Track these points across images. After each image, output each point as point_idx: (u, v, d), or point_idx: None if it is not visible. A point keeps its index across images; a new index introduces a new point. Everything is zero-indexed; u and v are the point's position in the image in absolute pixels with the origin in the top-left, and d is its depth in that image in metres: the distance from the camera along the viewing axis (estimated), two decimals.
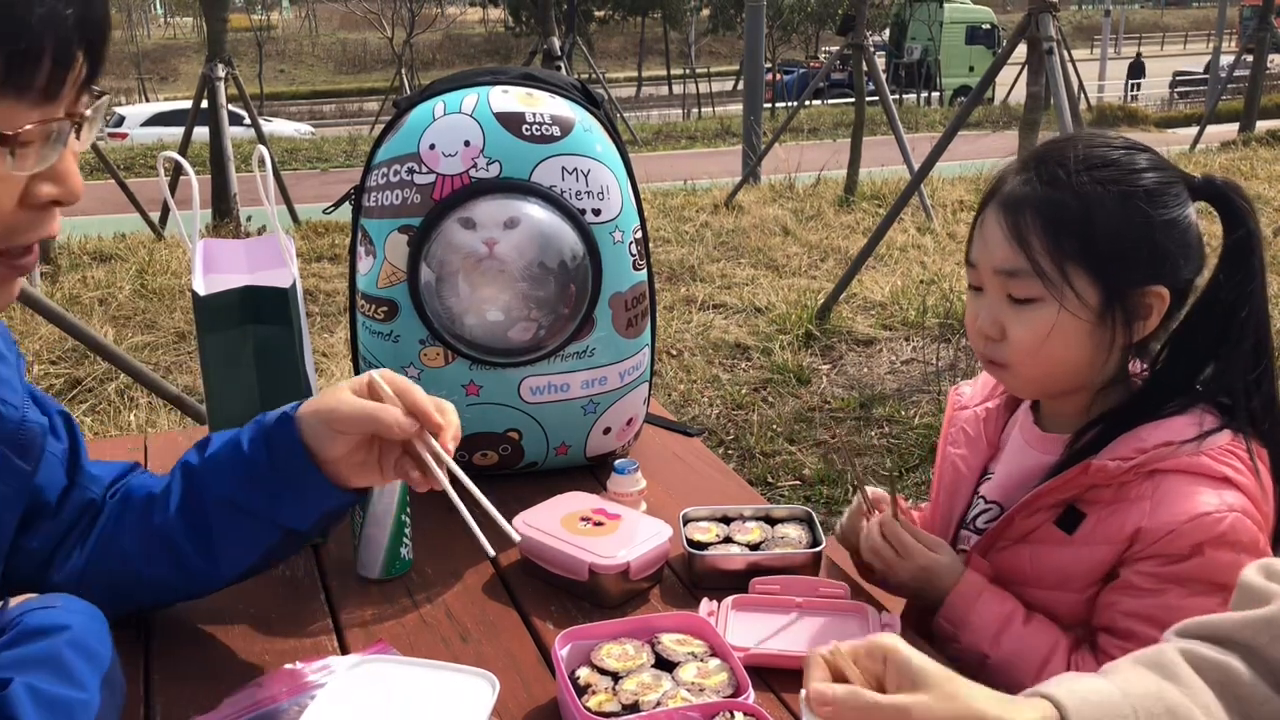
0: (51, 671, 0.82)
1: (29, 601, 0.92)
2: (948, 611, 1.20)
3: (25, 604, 0.91)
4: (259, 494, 1.02)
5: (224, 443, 1.06)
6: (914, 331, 5.00)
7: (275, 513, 1.03)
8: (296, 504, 1.03)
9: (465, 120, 1.37)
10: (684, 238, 7.00)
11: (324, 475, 1.01)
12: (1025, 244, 1.15)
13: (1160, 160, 1.18)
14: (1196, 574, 1.09)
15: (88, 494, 1.08)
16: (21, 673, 0.80)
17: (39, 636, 0.85)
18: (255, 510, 1.03)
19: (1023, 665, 1.15)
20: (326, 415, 1.00)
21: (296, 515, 1.04)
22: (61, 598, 0.93)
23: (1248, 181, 8.27)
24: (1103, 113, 17.94)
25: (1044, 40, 4.34)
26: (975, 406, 1.39)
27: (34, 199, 0.78)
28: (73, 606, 0.92)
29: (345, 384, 1.03)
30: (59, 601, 0.92)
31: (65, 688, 0.82)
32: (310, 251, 6.58)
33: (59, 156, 0.78)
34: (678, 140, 17.70)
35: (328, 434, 1.00)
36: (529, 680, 1.07)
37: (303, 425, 1.01)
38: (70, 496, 1.06)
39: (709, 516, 1.34)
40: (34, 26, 0.71)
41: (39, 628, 0.86)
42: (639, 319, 1.48)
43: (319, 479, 1.01)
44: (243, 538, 1.05)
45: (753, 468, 3.62)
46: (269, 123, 16.41)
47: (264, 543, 1.06)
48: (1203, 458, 1.12)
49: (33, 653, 0.83)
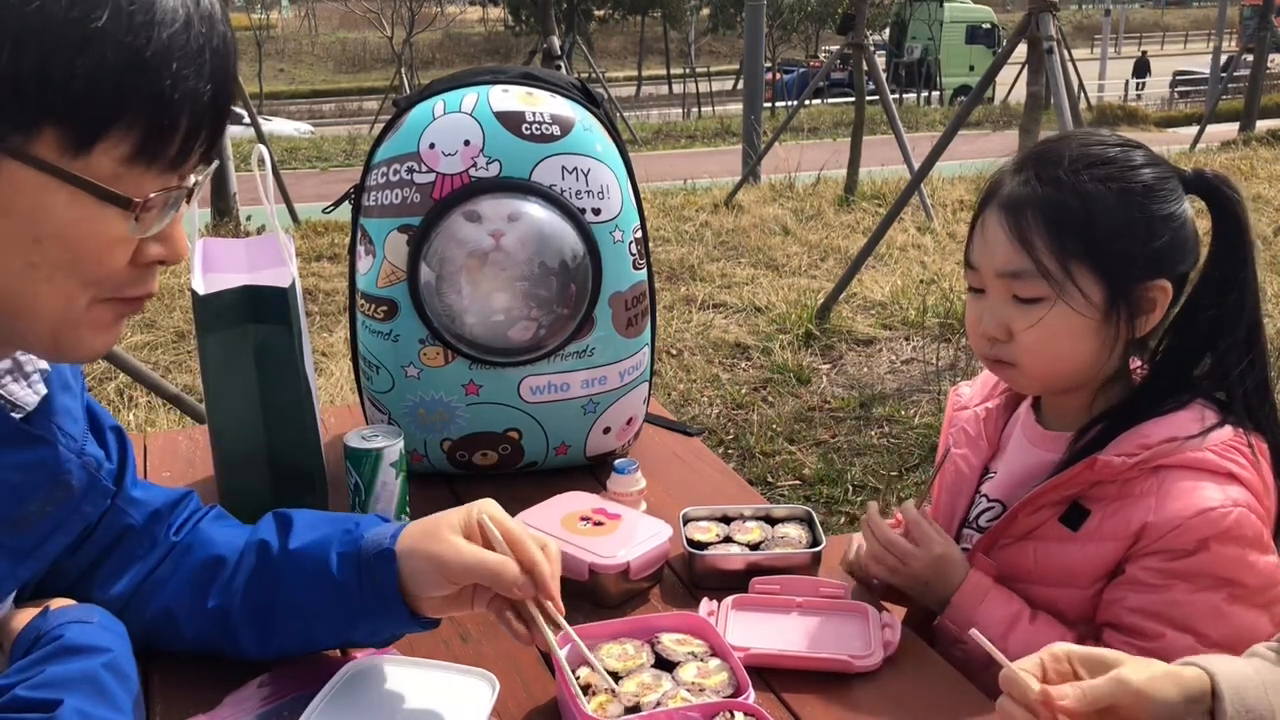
0: (96, 694, 0.84)
1: (68, 610, 0.93)
2: (953, 613, 1.20)
3: (64, 612, 0.92)
4: (337, 614, 1.00)
5: (311, 544, 1.01)
6: (914, 331, 5.00)
7: (348, 632, 1.02)
8: (370, 628, 1.02)
9: (465, 119, 1.37)
10: (684, 237, 7.00)
11: (409, 609, 0.98)
12: (1028, 245, 1.15)
13: (1155, 156, 1.19)
14: (1202, 569, 1.09)
15: (126, 519, 1.04)
16: (69, 693, 0.82)
17: (79, 655, 0.87)
18: (327, 624, 1.02)
19: None
20: (438, 563, 0.95)
21: (366, 635, 1.03)
22: (98, 612, 0.94)
23: (1248, 181, 8.27)
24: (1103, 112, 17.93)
25: (1044, 40, 4.33)
26: (975, 406, 1.39)
27: (142, 258, 0.82)
28: (109, 625, 0.93)
29: (452, 520, 0.97)
30: (96, 616, 0.93)
31: (108, 711, 0.84)
32: (310, 251, 6.58)
33: (171, 221, 0.82)
34: (677, 140, 17.69)
35: (433, 580, 0.96)
36: (529, 680, 1.07)
37: (403, 564, 0.96)
38: (108, 518, 1.03)
39: (709, 516, 1.34)
40: (176, 102, 0.75)
41: (79, 645, 0.87)
42: (639, 318, 1.48)
43: (403, 613, 0.98)
44: (303, 641, 1.04)
45: (753, 467, 3.61)
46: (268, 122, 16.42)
47: (321, 645, 1.05)
48: (1207, 453, 1.13)
49: (75, 672, 0.85)
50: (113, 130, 0.73)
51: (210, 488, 1.39)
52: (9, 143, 0.72)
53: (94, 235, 0.77)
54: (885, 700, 1.05)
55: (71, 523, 0.94)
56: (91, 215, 0.76)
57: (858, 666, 1.07)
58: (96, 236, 0.77)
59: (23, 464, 0.87)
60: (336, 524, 1.04)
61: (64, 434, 0.92)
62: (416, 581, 0.96)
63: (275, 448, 1.33)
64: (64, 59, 0.70)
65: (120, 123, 0.73)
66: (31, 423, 0.90)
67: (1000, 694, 0.87)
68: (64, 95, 0.71)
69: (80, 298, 0.80)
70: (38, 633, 0.89)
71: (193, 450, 1.61)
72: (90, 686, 0.84)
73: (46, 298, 0.78)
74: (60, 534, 0.93)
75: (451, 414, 1.44)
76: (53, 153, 0.73)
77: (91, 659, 0.87)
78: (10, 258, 0.76)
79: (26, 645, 0.89)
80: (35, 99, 0.71)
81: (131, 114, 0.73)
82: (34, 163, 0.73)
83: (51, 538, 0.93)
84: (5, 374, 0.89)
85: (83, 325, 0.81)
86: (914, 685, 1.07)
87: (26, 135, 0.72)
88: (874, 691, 1.06)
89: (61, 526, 0.93)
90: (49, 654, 0.86)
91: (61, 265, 0.77)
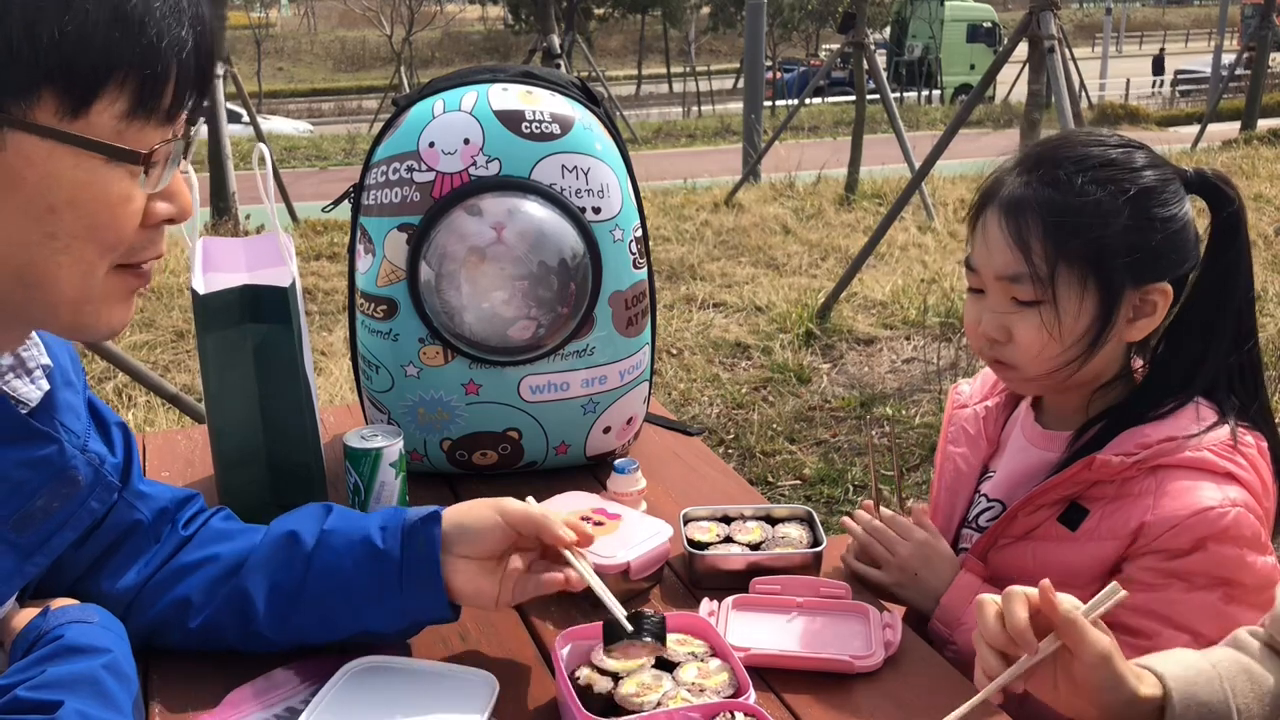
0: (96, 696, 0.84)
1: (68, 610, 0.93)
2: (942, 614, 1.21)
3: (65, 612, 0.92)
4: (367, 589, 1.02)
5: (349, 524, 1.06)
6: (915, 330, 5.00)
7: (373, 612, 1.03)
8: (397, 607, 1.02)
9: (465, 118, 1.37)
10: (684, 236, 7.00)
11: (443, 581, 1.02)
12: (1028, 249, 1.14)
13: (1156, 157, 1.19)
14: (1199, 569, 1.09)
15: (134, 514, 1.04)
16: (70, 694, 0.82)
17: (80, 655, 0.87)
18: (353, 603, 1.02)
19: None
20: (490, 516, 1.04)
21: (388, 620, 1.04)
22: (98, 612, 0.94)
23: (1248, 180, 8.27)
24: (1104, 111, 17.93)
25: (1045, 38, 4.33)
26: (975, 405, 1.39)
27: (152, 218, 0.84)
28: (108, 624, 0.93)
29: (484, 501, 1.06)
30: (95, 616, 0.93)
31: (109, 712, 0.84)
32: (309, 250, 6.58)
33: (172, 177, 0.84)
34: (678, 138, 17.69)
35: (477, 538, 1.03)
36: (529, 680, 1.07)
37: (448, 524, 1.03)
38: (115, 513, 1.03)
39: (709, 516, 1.34)
40: (164, 51, 0.76)
41: (79, 646, 0.87)
42: (639, 318, 1.48)
43: (438, 583, 1.02)
44: (324, 620, 1.03)
45: (753, 467, 3.61)
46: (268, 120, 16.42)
47: (339, 632, 1.04)
48: (1205, 453, 1.13)
49: (76, 673, 0.85)
50: (108, 86, 0.75)
51: (210, 487, 1.39)
52: (10, 112, 0.73)
53: (106, 196, 0.78)
54: (886, 700, 1.05)
55: (77, 519, 0.94)
56: (101, 177, 0.77)
57: (858, 667, 1.07)
58: (108, 196, 0.78)
59: (28, 461, 0.88)
60: (375, 515, 1.08)
61: (67, 430, 0.93)
62: (462, 541, 1.03)
63: (275, 447, 1.33)
64: (50, 20, 0.72)
65: (113, 78, 0.75)
66: (35, 419, 0.90)
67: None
68: (57, 55, 0.72)
69: (99, 266, 0.81)
70: (38, 632, 0.89)
71: (192, 450, 1.61)
72: (91, 688, 0.84)
73: (67, 268, 0.79)
74: (66, 530, 0.94)
75: (451, 413, 1.44)
76: (53, 118, 0.74)
77: (92, 659, 0.87)
78: (28, 230, 0.77)
79: (26, 645, 0.89)
80: (29, 63, 0.72)
81: (124, 68, 0.75)
82: (38, 130, 0.74)
83: (57, 534, 0.93)
84: (8, 370, 0.90)
85: (101, 298, 0.83)
86: (915, 685, 1.07)
87: (26, 102, 0.73)
88: (875, 692, 1.06)
89: (67, 523, 0.93)
90: (49, 654, 0.86)
91: (78, 232, 0.78)
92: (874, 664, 1.08)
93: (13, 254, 0.78)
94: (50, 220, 0.77)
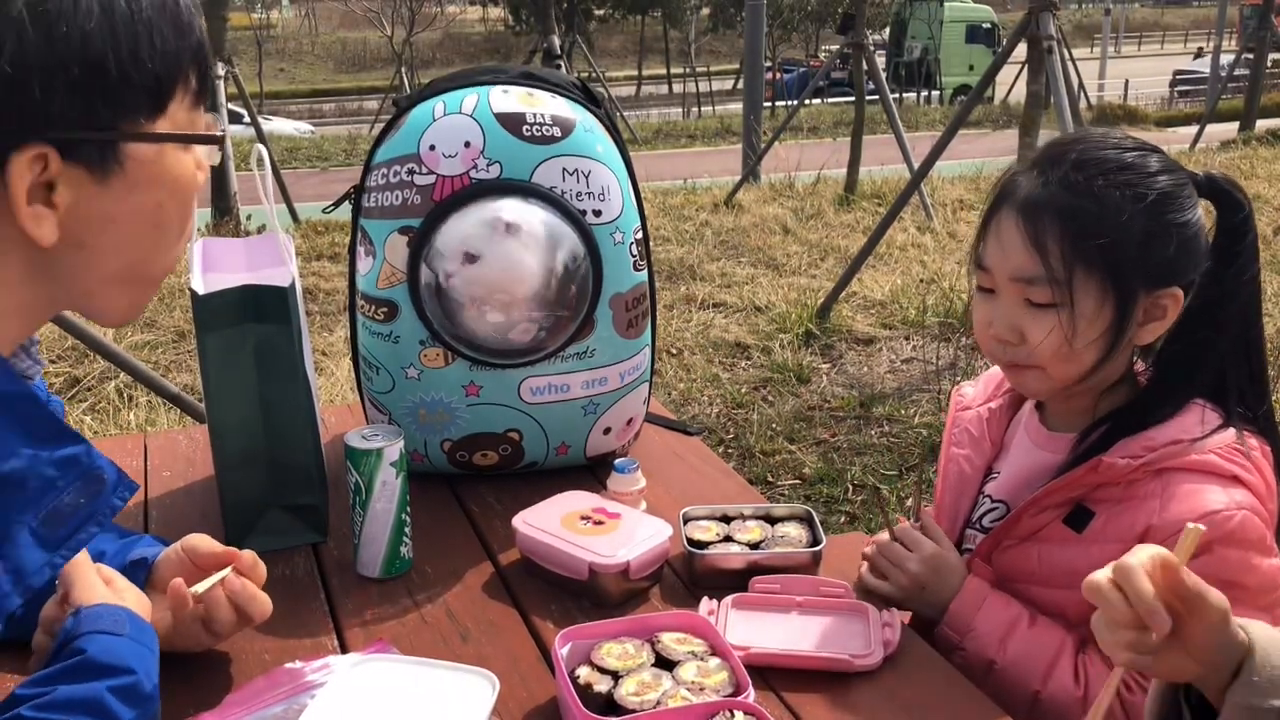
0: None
1: (101, 615, 0.94)
2: (952, 620, 1.20)
3: (96, 618, 0.94)
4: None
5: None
6: (914, 330, 5.00)
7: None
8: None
9: (465, 121, 1.37)
10: (684, 237, 7.00)
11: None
12: (1045, 251, 1.14)
13: (1170, 162, 1.18)
14: (1205, 572, 1.08)
15: None
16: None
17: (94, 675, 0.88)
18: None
19: (1030, 667, 1.15)
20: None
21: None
22: (129, 621, 0.95)
23: (1248, 181, 8.27)
24: (1102, 111, 17.93)
25: (1044, 39, 4.34)
26: (978, 406, 1.39)
27: None
28: (138, 635, 0.94)
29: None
30: (127, 627, 0.94)
31: None
32: (310, 250, 6.58)
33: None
34: (677, 139, 17.67)
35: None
36: (529, 680, 1.07)
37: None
38: None
39: (709, 515, 1.34)
40: (204, 43, 0.85)
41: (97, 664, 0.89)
42: (639, 319, 1.48)
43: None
44: None
45: (753, 467, 3.62)
46: (268, 121, 16.40)
47: None
48: (1211, 456, 1.13)
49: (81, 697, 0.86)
50: (179, 85, 0.83)
51: (210, 487, 1.40)
52: (125, 130, 0.79)
53: (191, 179, 0.86)
54: (885, 699, 1.05)
55: (102, 514, 0.96)
56: (184, 164, 0.85)
57: (858, 666, 1.07)
58: (192, 179, 0.86)
59: (58, 460, 0.90)
60: None
61: None
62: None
63: (275, 447, 1.33)
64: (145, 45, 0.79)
65: (181, 77, 0.83)
66: None
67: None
68: (152, 73, 0.79)
69: (180, 245, 0.88)
70: (68, 635, 0.92)
71: (193, 449, 1.62)
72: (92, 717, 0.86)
73: (166, 254, 0.87)
74: (91, 524, 0.96)
75: (452, 414, 1.44)
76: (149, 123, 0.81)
77: (104, 681, 0.88)
78: (144, 230, 0.83)
79: (58, 645, 0.91)
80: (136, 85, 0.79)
81: (187, 67, 0.83)
82: (151, 138, 0.81)
83: (83, 528, 0.94)
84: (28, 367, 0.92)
85: None
86: (914, 685, 1.08)
87: (133, 116, 0.80)
88: (874, 691, 1.06)
89: (92, 517, 0.95)
90: (66, 669, 0.88)
91: (178, 219, 0.86)
92: (873, 663, 1.08)
93: (126, 255, 0.83)
94: (158, 214, 0.84)
